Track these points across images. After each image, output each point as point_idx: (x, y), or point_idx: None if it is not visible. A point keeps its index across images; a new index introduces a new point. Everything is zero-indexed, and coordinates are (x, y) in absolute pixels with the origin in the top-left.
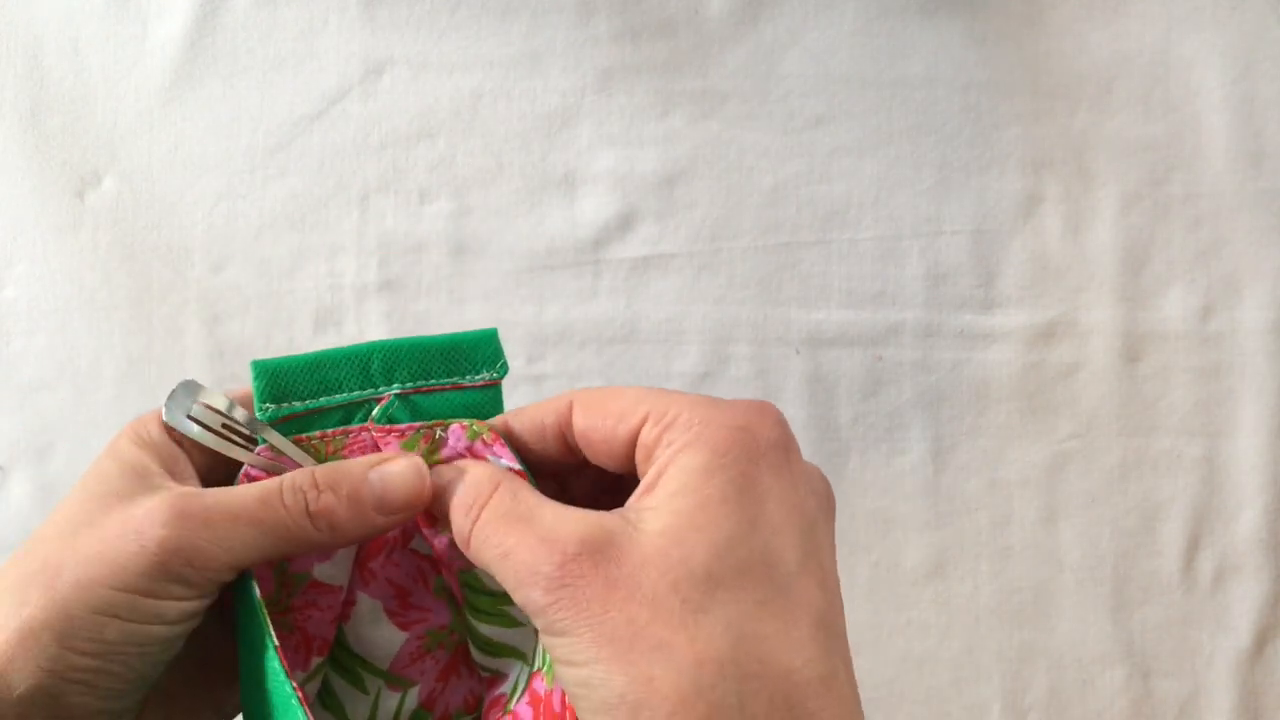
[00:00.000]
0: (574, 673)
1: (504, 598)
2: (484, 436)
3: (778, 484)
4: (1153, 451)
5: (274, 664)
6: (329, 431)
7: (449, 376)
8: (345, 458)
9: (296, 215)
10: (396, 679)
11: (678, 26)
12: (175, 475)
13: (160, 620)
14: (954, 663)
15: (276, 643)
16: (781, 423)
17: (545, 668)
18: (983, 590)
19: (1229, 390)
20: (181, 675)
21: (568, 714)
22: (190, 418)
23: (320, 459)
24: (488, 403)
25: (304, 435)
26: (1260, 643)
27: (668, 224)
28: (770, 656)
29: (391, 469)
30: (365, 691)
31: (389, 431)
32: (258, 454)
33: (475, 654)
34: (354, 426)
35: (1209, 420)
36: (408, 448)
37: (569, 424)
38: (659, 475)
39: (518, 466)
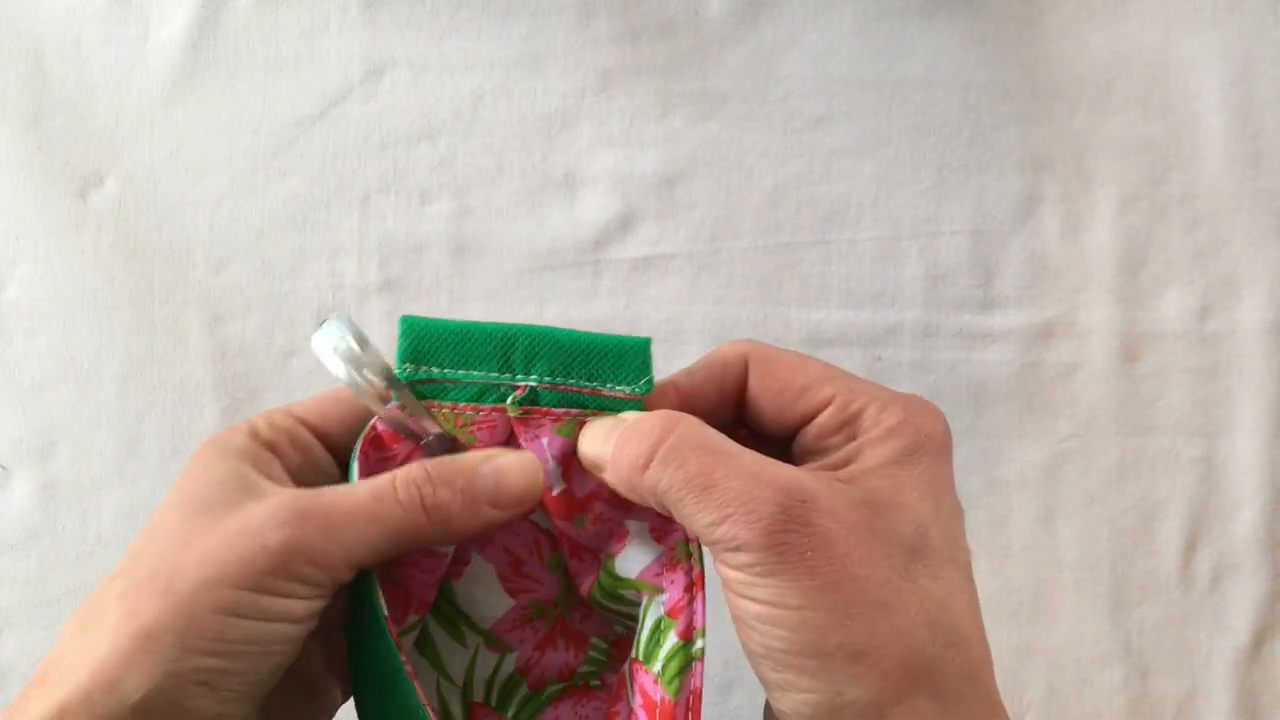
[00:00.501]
0: (779, 614)
1: (625, 582)
2: None
3: (949, 480)
4: (1151, 451)
5: (386, 637)
6: (461, 405)
7: (589, 380)
8: (471, 434)
9: (298, 216)
10: (495, 640)
11: (677, 27)
12: (271, 479)
13: (283, 618)
14: None
15: (387, 613)
16: (948, 425)
17: (659, 672)
18: (981, 590)
19: (1227, 390)
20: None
21: (691, 717)
22: (335, 353)
23: (448, 430)
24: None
25: (436, 402)
26: (1258, 642)
27: (668, 224)
28: (959, 629)
29: (505, 462)
30: (464, 645)
31: (545, 414)
32: (389, 409)
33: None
34: (485, 405)
35: (1207, 420)
36: (562, 432)
37: (739, 386)
38: (853, 455)
39: None
